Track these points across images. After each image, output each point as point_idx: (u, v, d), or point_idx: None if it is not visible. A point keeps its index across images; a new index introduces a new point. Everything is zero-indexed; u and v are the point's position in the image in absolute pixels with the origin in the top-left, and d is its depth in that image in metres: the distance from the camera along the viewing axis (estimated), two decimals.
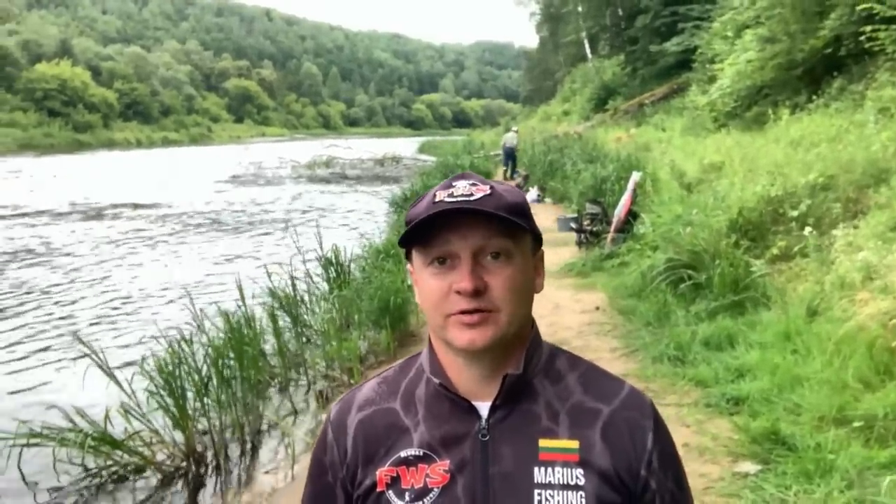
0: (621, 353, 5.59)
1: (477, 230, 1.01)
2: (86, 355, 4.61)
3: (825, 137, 8.58)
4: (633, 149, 16.91)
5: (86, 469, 4.47)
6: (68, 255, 13.27)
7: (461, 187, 1.04)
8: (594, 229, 10.02)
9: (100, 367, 4.50)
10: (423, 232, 1.03)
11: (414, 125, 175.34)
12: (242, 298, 5.91)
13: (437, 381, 1.08)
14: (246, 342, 5.34)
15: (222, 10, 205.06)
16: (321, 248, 7.67)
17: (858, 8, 9.41)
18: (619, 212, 9.50)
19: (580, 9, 36.71)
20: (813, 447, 3.49)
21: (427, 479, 1.04)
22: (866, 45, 9.35)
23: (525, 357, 1.07)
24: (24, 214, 19.22)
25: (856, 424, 3.65)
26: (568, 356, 1.14)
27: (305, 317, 6.89)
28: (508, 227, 1.02)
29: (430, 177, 19.20)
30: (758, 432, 3.77)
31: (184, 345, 4.70)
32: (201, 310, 5.74)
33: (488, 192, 1.03)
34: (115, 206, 21.00)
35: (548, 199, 16.95)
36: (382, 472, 1.07)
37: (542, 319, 6.74)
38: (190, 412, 4.57)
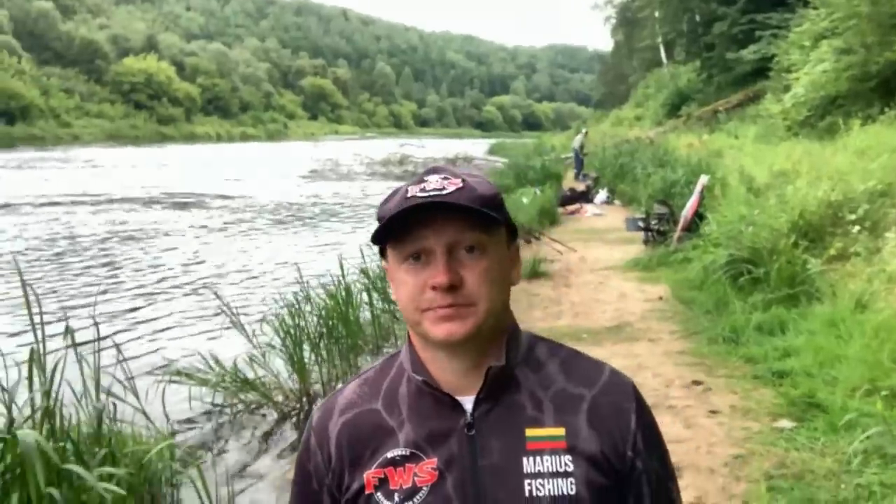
0: (679, 336, 6.19)
1: (450, 225, 1.01)
2: (218, 314, 5.44)
3: (889, 148, 8.94)
4: (705, 154, 17.21)
5: (215, 405, 5.33)
6: (189, 236, 14.77)
7: (433, 181, 1.03)
8: (661, 228, 10.55)
9: (231, 321, 5.35)
10: (396, 228, 1.02)
11: (484, 127, 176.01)
12: (342, 274, 6.70)
13: (418, 378, 1.08)
14: (346, 311, 6.13)
15: (301, 10, 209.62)
16: None
17: None
18: (687, 212, 10.00)
19: (657, 14, 36.73)
20: (841, 408, 4.06)
21: (415, 479, 1.04)
22: None
23: (506, 348, 1.08)
24: (131, 200, 20.80)
25: (883, 393, 4.19)
26: (548, 344, 1.15)
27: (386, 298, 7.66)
28: (482, 220, 1.02)
29: (503, 176, 19.86)
30: (796, 396, 4.37)
31: (301, 305, 5.54)
32: (307, 282, 6.55)
33: (460, 185, 1.03)
34: (215, 196, 22.42)
35: (617, 202, 17.44)
36: (369, 475, 1.07)
37: (609, 306, 7.43)
38: (305, 362, 5.39)
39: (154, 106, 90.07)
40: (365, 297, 6.83)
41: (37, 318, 2.93)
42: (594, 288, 8.32)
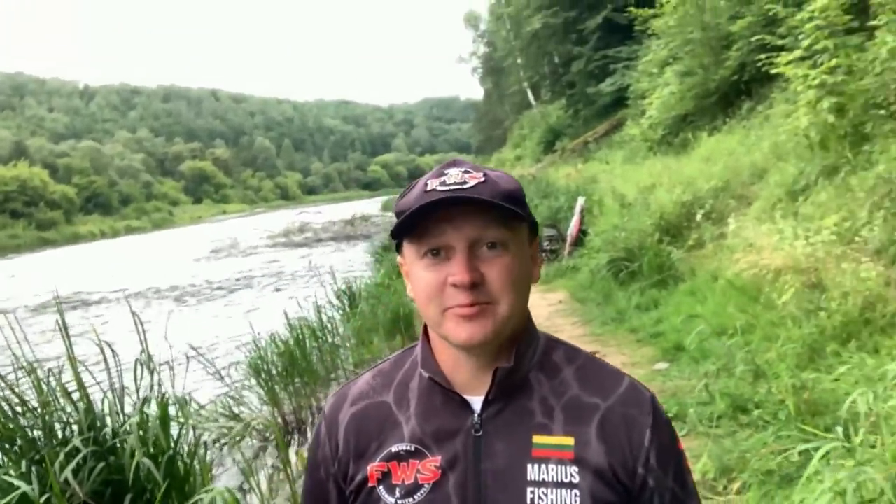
0: (579, 325, 7.53)
1: (472, 220, 0.98)
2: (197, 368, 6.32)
3: (727, 152, 10.70)
4: (582, 181, 18.95)
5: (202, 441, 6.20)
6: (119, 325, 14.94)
7: (453, 175, 1.01)
8: (552, 248, 12.00)
9: (210, 372, 6.28)
10: (415, 223, 0.99)
11: (371, 186, 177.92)
12: (289, 324, 7.69)
13: (428, 374, 1.07)
14: (297, 354, 7.13)
15: (169, 96, 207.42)
16: (335, 283, 9.52)
17: (753, 39, 10.98)
18: (572, 230, 11.50)
19: (519, 61, 38.91)
20: (698, 348, 5.40)
21: (418, 475, 1.04)
22: (763, 70, 11.21)
23: (517, 350, 1.05)
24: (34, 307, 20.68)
25: (730, 332, 5.57)
26: (566, 348, 1.12)
27: (329, 337, 8.67)
28: (505, 215, 0.99)
29: None
30: (667, 347, 5.71)
31: (266, 350, 6.52)
32: (258, 333, 7.49)
33: (482, 179, 1.00)
34: (118, 290, 22.48)
35: None
36: (373, 468, 1.07)
37: None
38: (276, 393, 6.36)
39: (32, 212, 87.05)
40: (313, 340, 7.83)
41: None
42: None
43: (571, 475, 1.01)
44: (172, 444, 3.34)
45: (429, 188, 1.00)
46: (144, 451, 3.11)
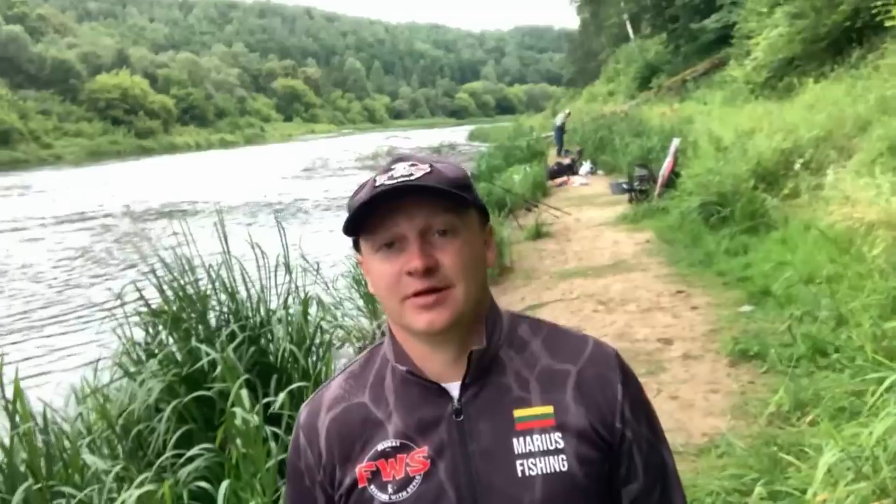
0: (665, 264, 7.75)
1: (421, 209, 1.02)
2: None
3: (832, 101, 10.48)
4: (677, 122, 18.68)
5: None
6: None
7: (400, 169, 1.04)
8: (643, 188, 12.07)
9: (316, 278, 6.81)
10: (367, 217, 1.03)
11: (458, 114, 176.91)
12: None
13: (403, 368, 1.09)
14: None
15: (264, 12, 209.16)
16: None
17: None
18: (664, 171, 11.53)
19: None
20: (784, 293, 5.59)
21: (407, 468, 1.06)
22: (878, 19, 10.91)
23: (486, 330, 1.09)
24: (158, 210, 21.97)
25: (818, 281, 5.72)
26: (529, 321, 1.16)
27: None
28: (452, 201, 1.03)
29: (493, 158, 21.29)
30: (754, 290, 5.90)
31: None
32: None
33: (428, 170, 1.04)
34: (230, 198, 23.20)
35: (600, 171, 18.94)
36: (362, 469, 1.08)
37: (606, 251, 8.96)
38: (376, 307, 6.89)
39: (132, 120, 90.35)
40: None
41: None
42: (591, 240, 9.85)
43: (556, 441, 1.05)
44: (309, 336, 3.85)
45: (377, 183, 1.03)
46: (289, 338, 3.63)
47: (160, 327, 3.71)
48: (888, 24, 7.78)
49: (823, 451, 2.62)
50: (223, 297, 3.86)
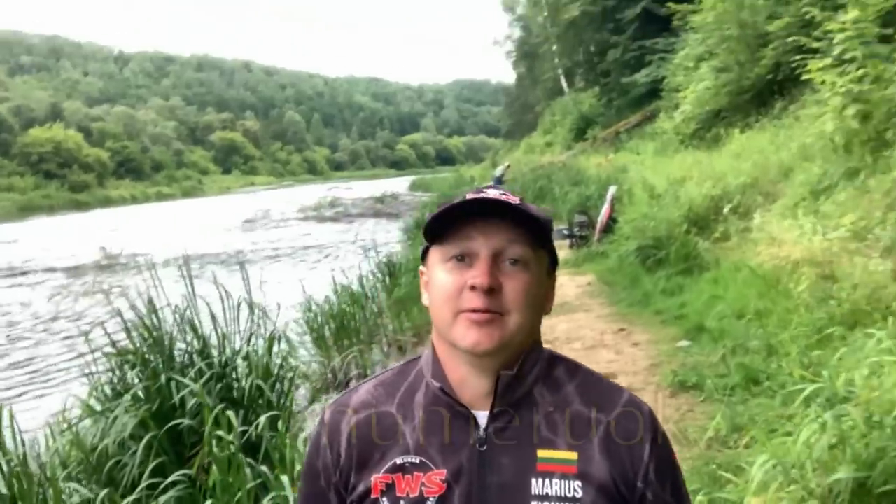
0: (606, 305, 8.09)
1: (500, 232, 1.04)
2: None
3: (757, 149, 11.12)
4: (613, 171, 19.35)
5: None
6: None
7: (492, 193, 1.07)
8: (582, 234, 12.51)
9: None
10: (448, 225, 1.05)
11: (398, 165, 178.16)
12: (336, 290, 8.31)
13: (436, 384, 1.09)
14: (348, 312, 7.76)
15: (202, 65, 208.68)
16: (376, 255, 10.13)
17: (789, 40, 11.17)
18: (602, 218, 12.00)
19: (555, 47, 39.01)
20: (717, 328, 5.94)
21: (423, 489, 1.05)
22: (797, 72, 11.48)
23: (522, 359, 1.08)
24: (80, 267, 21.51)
25: (748, 316, 6.09)
26: (567, 364, 1.15)
27: (372, 305, 9.27)
28: (532, 234, 1.05)
29: (433, 208, 21.59)
30: (690, 327, 6.25)
31: (317, 311, 7.15)
32: (310, 297, 8.10)
33: (517, 201, 1.06)
34: (163, 253, 23.21)
35: None
36: (377, 479, 1.07)
37: None
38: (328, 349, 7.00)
39: (65, 174, 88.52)
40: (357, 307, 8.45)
41: None
42: None
43: (575, 489, 1.04)
44: (275, 372, 3.99)
45: (468, 197, 1.06)
46: (254, 375, 3.76)
47: (126, 367, 3.81)
48: (804, 77, 8.37)
49: (756, 462, 2.87)
50: (189, 336, 3.99)
